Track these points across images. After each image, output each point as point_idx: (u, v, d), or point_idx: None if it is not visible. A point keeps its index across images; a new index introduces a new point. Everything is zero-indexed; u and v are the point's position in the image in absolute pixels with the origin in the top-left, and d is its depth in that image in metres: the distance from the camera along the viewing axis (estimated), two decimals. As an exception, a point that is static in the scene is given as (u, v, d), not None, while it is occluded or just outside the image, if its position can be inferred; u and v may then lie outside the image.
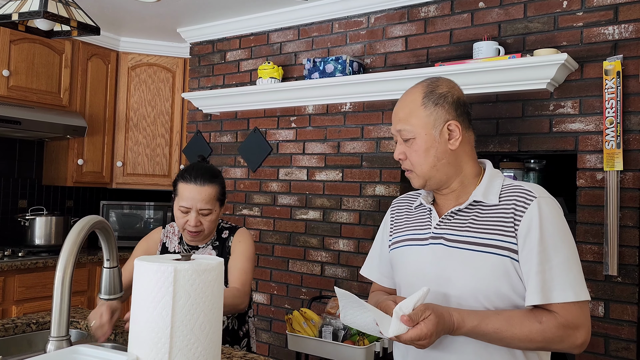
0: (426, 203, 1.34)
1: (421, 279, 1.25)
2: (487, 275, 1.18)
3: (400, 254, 1.36)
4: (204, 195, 1.82)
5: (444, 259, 1.24)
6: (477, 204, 1.25)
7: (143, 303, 0.96)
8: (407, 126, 1.27)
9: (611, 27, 2.24)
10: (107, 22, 3.54)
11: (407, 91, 1.33)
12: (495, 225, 1.20)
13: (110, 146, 3.88)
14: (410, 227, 1.36)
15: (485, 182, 1.27)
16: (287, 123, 3.18)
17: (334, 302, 2.70)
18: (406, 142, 1.27)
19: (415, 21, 2.77)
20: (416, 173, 1.28)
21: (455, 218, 1.27)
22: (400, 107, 1.31)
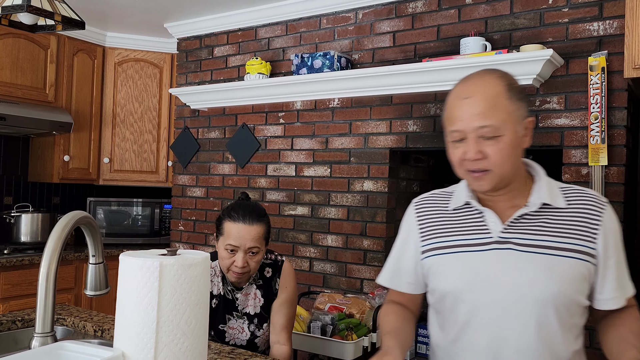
0: (478, 205, 1.24)
1: (488, 287, 1.18)
2: (570, 279, 1.16)
3: (447, 262, 1.25)
4: (254, 234, 1.79)
5: (517, 265, 1.17)
6: (544, 206, 1.21)
7: (129, 298, 0.96)
8: (494, 121, 1.13)
9: (596, 23, 2.26)
10: (93, 16, 3.51)
11: (477, 82, 1.19)
12: (571, 229, 1.18)
13: (97, 142, 3.84)
14: (455, 231, 1.26)
15: (545, 184, 1.22)
16: (275, 119, 3.18)
17: (323, 297, 2.71)
18: (489, 139, 1.14)
19: (402, 17, 2.78)
20: (495, 173, 1.16)
21: (521, 222, 1.20)
22: (476, 101, 1.15)
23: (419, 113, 2.68)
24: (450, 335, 1.27)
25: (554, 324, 1.16)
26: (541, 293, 1.15)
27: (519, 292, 1.16)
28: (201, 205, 3.50)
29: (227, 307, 1.91)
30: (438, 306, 1.31)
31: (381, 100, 2.78)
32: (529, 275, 1.15)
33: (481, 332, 1.20)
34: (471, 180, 1.20)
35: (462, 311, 1.23)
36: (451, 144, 1.20)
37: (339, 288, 2.88)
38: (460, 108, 1.16)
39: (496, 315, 1.18)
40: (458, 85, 1.23)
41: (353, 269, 2.85)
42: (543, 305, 1.15)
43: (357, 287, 2.84)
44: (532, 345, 1.15)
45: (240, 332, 1.89)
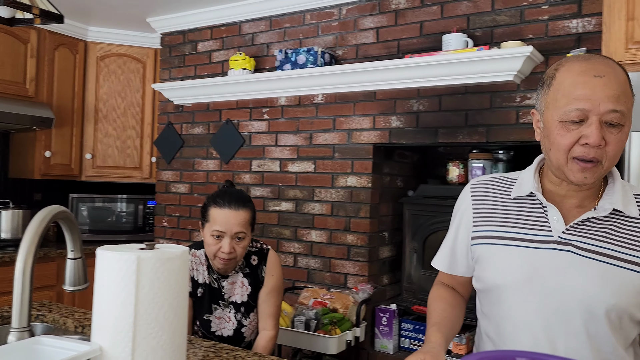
0: (543, 199, 1.16)
1: (539, 286, 1.13)
2: (627, 292, 1.08)
3: (499, 253, 1.19)
4: (239, 219, 1.82)
5: (574, 269, 1.10)
6: (614, 213, 1.12)
7: (106, 292, 0.95)
8: (624, 108, 1.04)
9: (575, 21, 2.30)
10: (74, 10, 3.47)
11: (605, 62, 1.08)
12: (636, 241, 1.10)
13: (79, 138, 3.80)
14: (513, 222, 1.19)
15: (620, 188, 1.14)
16: (259, 114, 3.17)
17: (307, 292, 2.72)
18: (612, 126, 1.04)
19: (386, 13, 2.79)
20: (604, 166, 1.07)
21: (586, 224, 1.13)
22: (611, 82, 1.04)
23: (403, 109, 2.69)
24: (498, 329, 1.22)
25: (604, 334, 1.10)
26: (595, 302, 1.08)
27: (571, 297, 1.10)
28: (185, 201, 3.49)
29: (213, 296, 1.91)
30: (484, 296, 1.26)
31: (365, 96, 2.79)
32: (585, 282, 1.09)
33: (527, 332, 1.14)
34: (575, 170, 1.08)
35: (508, 307, 1.17)
36: (561, 124, 1.08)
37: (323, 283, 2.90)
38: (591, 85, 1.04)
39: (544, 318, 1.13)
40: (578, 61, 1.10)
41: (337, 264, 2.86)
42: (594, 314, 1.09)
43: (341, 282, 2.85)
44: (581, 353, 1.10)
45: (227, 322, 1.89)
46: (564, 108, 1.07)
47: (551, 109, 1.11)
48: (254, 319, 1.94)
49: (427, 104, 2.62)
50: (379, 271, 2.90)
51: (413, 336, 2.71)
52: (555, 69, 1.13)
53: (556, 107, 1.09)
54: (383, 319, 2.72)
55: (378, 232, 2.87)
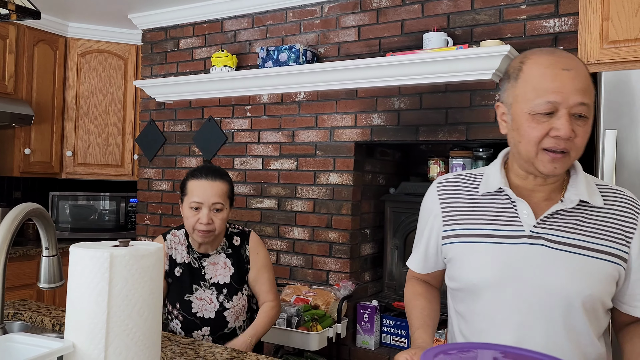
0: (512, 194, 1.17)
1: (515, 281, 1.13)
2: (601, 281, 1.11)
3: (472, 251, 1.19)
4: (217, 190, 1.84)
5: (548, 262, 1.12)
6: (581, 204, 1.15)
7: (79, 289, 0.95)
8: (590, 101, 1.07)
9: (552, 20, 2.33)
10: (53, 6, 3.43)
11: (571, 57, 1.10)
12: (604, 231, 1.13)
13: (60, 135, 3.77)
14: (483, 219, 1.20)
15: (583, 180, 1.16)
16: (242, 112, 3.17)
17: (289, 289, 2.72)
18: (580, 118, 1.07)
19: (367, 11, 2.80)
20: (572, 157, 1.09)
21: (556, 217, 1.14)
22: (578, 76, 1.07)
23: (384, 107, 2.71)
24: (475, 327, 1.22)
25: (581, 326, 1.12)
26: (571, 294, 1.10)
27: (547, 291, 1.11)
28: (167, 199, 3.47)
29: (194, 276, 1.90)
30: (459, 294, 1.26)
31: (346, 93, 2.81)
32: (560, 275, 1.10)
33: (506, 328, 1.15)
34: (545, 160, 1.09)
35: (486, 304, 1.18)
36: (531, 117, 1.09)
37: (305, 280, 2.91)
38: (560, 79, 1.06)
39: (521, 312, 1.13)
40: (544, 54, 1.12)
41: (319, 261, 2.88)
42: (572, 306, 1.10)
43: (323, 279, 2.86)
44: (560, 346, 1.11)
45: (209, 303, 1.88)
46: (535, 101, 1.08)
47: (520, 101, 1.11)
48: (237, 304, 1.90)
49: (408, 102, 2.64)
50: (361, 268, 2.92)
51: (394, 332, 2.74)
52: (521, 61, 1.14)
53: (526, 99, 1.10)
54: (364, 315, 2.74)
55: (360, 230, 2.89)
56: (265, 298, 1.94)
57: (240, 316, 1.93)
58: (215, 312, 1.88)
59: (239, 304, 1.92)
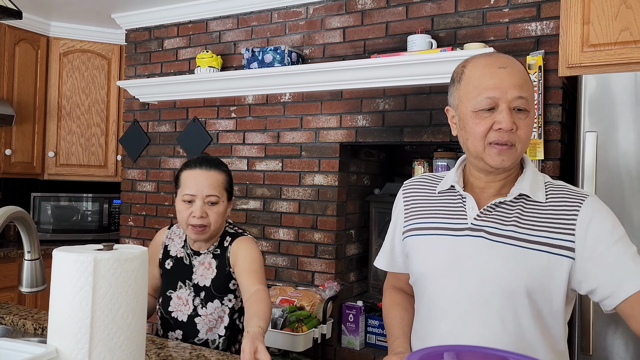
0: (461, 190, 1.23)
1: (456, 272, 1.18)
2: (538, 272, 1.12)
3: (423, 243, 1.25)
4: (211, 180, 1.69)
5: (486, 254, 1.15)
6: (521, 197, 1.18)
7: (62, 294, 0.95)
8: (528, 94, 1.14)
9: (534, 24, 2.36)
10: (35, 5, 3.39)
11: (506, 56, 1.19)
12: (545, 223, 1.15)
13: (42, 135, 3.72)
14: (436, 214, 1.26)
15: (530, 176, 1.20)
16: (227, 113, 3.16)
17: (274, 290, 2.72)
18: (520, 112, 1.13)
19: (352, 13, 2.81)
20: (518, 149, 1.15)
21: (497, 210, 1.18)
22: (514, 72, 1.14)
23: (369, 108, 2.72)
24: (420, 318, 1.27)
25: (520, 318, 1.13)
26: (506, 285, 1.12)
27: (484, 282, 1.14)
28: (151, 200, 3.45)
29: (181, 273, 1.78)
30: (414, 289, 1.31)
31: (331, 95, 2.82)
32: (496, 266, 1.14)
33: (445, 319, 1.18)
34: (493, 154, 1.15)
35: (428, 294, 1.23)
36: (475, 114, 1.15)
37: (291, 281, 2.91)
38: (496, 76, 1.13)
39: (460, 302, 1.16)
40: (483, 57, 1.19)
41: (304, 262, 2.88)
42: (508, 298, 1.12)
43: (308, 279, 2.87)
44: (496, 337, 1.13)
45: (184, 305, 1.75)
46: (476, 98, 1.15)
47: (464, 101, 1.18)
48: (211, 313, 1.71)
49: (392, 103, 2.66)
50: (346, 268, 2.93)
51: (379, 332, 2.75)
52: (463, 65, 1.22)
53: (468, 98, 1.17)
54: (350, 315, 2.75)
55: (345, 230, 2.90)
56: (250, 288, 1.63)
57: (215, 328, 1.73)
58: (187, 316, 1.73)
59: (213, 313, 1.72)
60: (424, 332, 1.25)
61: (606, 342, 1.91)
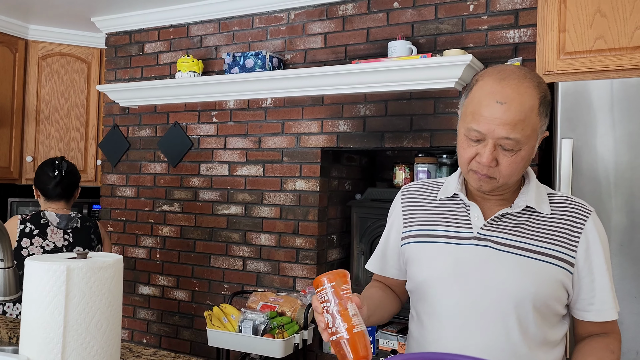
0: (466, 199, 1.23)
1: (461, 280, 1.18)
2: (544, 283, 1.14)
3: (425, 250, 1.25)
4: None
5: (493, 263, 1.16)
6: (528, 209, 1.19)
7: (34, 303, 0.93)
8: (519, 136, 1.09)
9: (512, 31, 2.40)
10: (12, 7, 3.34)
11: (515, 87, 1.10)
12: (550, 236, 1.17)
13: (19, 140, 3.66)
14: (438, 221, 1.26)
15: (534, 189, 1.21)
16: (208, 118, 3.15)
17: (255, 296, 2.71)
18: (506, 150, 1.11)
19: (334, 19, 2.82)
20: (498, 182, 1.15)
21: (503, 221, 1.19)
22: (510, 110, 1.09)
23: (350, 113, 2.73)
24: (420, 326, 1.27)
25: (524, 327, 1.14)
26: (512, 294, 1.13)
27: (489, 291, 1.15)
28: (132, 205, 3.41)
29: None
30: (414, 296, 1.31)
31: (313, 100, 2.82)
32: (502, 275, 1.14)
33: (448, 327, 1.18)
34: (473, 179, 1.17)
35: (433, 302, 1.22)
36: (465, 138, 1.16)
37: (272, 286, 2.90)
38: (491, 110, 1.09)
39: (464, 311, 1.17)
40: (492, 81, 1.13)
41: (286, 267, 2.87)
42: (513, 307, 1.14)
43: (289, 285, 2.86)
44: (497, 346, 1.14)
45: None
46: (468, 125, 1.14)
47: (462, 120, 1.18)
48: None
49: (373, 108, 2.67)
50: (328, 274, 2.93)
51: (361, 337, 2.75)
52: (476, 79, 1.18)
53: (465, 121, 1.16)
54: (331, 321, 2.74)
55: (326, 235, 2.90)
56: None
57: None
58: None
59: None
60: (424, 340, 1.25)
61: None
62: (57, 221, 2.42)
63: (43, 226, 2.39)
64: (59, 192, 2.45)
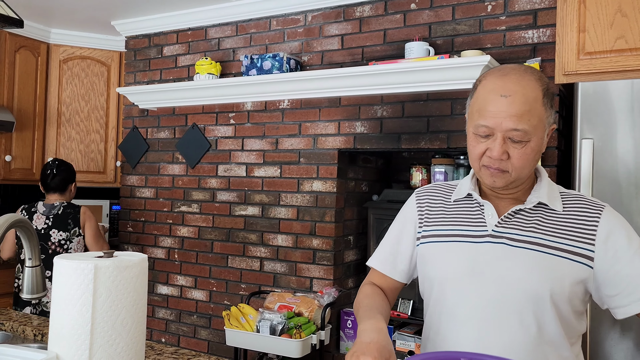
0: (479, 197, 1.25)
1: (477, 278, 1.19)
2: (561, 278, 1.14)
3: (442, 249, 1.26)
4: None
5: (508, 260, 1.17)
6: (540, 206, 1.21)
7: (63, 301, 0.96)
8: (526, 126, 1.11)
9: (531, 31, 2.38)
10: (36, 12, 3.41)
11: (517, 80, 1.13)
12: (565, 231, 1.17)
13: (41, 142, 3.73)
14: (454, 222, 1.27)
15: (546, 186, 1.22)
16: (225, 119, 3.18)
17: (272, 297, 2.73)
18: (516, 142, 1.13)
19: (350, 20, 2.84)
20: (511, 175, 1.16)
21: (516, 217, 1.21)
22: (514, 102, 1.11)
23: (367, 115, 2.74)
24: (434, 325, 1.27)
25: (542, 323, 1.14)
26: (529, 290, 1.14)
27: (506, 288, 1.15)
28: (150, 206, 3.46)
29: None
30: (427, 296, 1.31)
31: (330, 101, 2.83)
32: (518, 272, 1.15)
33: (466, 326, 1.19)
34: (486, 175, 1.18)
35: (448, 301, 1.22)
36: (474, 135, 1.18)
37: (289, 287, 2.92)
38: (496, 104, 1.12)
39: (481, 309, 1.17)
40: (494, 78, 1.16)
41: (303, 268, 2.89)
42: (530, 303, 1.14)
43: (306, 286, 2.87)
44: (517, 343, 1.14)
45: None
46: (475, 122, 1.17)
47: (469, 119, 1.21)
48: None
49: (390, 110, 2.68)
50: (344, 275, 2.94)
51: (377, 338, 2.76)
52: (479, 80, 1.22)
53: (472, 119, 1.19)
54: (348, 322, 2.75)
55: (343, 236, 2.91)
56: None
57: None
58: None
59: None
60: (440, 339, 1.24)
61: (604, 352, 1.92)
62: (43, 209, 2.95)
63: (32, 213, 2.94)
64: (52, 186, 2.98)
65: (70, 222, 2.94)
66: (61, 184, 3.00)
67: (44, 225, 2.90)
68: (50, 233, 2.89)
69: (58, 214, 2.93)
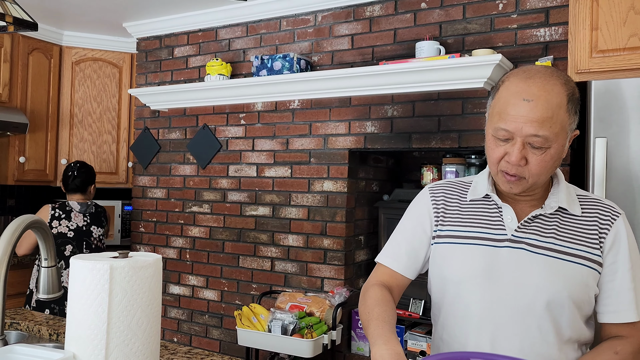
0: (499, 200, 1.22)
1: (495, 282, 1.17)
2: (577, 285, 1.14)
3: (459, 251, 1.23)
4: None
5: (527, 266, 1.16)
6: (560, 210, 1.20)
7: (79, 301, 0.97)
8: (548, 133, 1.08)
9: (542, 30, 2.37)
10: (48, 15, 3.44)
11: (541, 84, 1.10)
12: (579, 236, 1.17)
13: (54, 143, 3.77)
14: (472, 223, 1.25)
15: (564, 189, 1.21)
16: (236, 120, 3.19)
17: (284, 296, 2.74)
18: (536, 148, 1.10)
19: (360, 20, 2.83)
20: (528, 181, 1.14)
21: (535, 222, 1.20)
22: (537, 107, 1.08)
23: (377, 114, 2.74)
24: (448, 327, 1.26)
25: (559, 329, 1.14)
26: (547, 296, 1.13)
27: (524, 293, 1.14)
28: (162, 206, 3.48)
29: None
30: (440, 297, 1.29)
31: (340, 101, 2.83)
32: (536, 278, 1.14)
33: (481, 329, 1.18)
34: (502, 180, 1.16)
35: (463, 304, 1.21)
36: (493, 138, 1.15)
37: (300, 287, 2.92)
38: (518, 108, 1.09)
39: (498, 313, 1.16)
40: (517, 80, 1.13)
41: (314, 268, 2.89)
42: (547, 309, 1.13)
43: (317, 285, 2.88)
44: (533, 348, 1.14)
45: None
46: (495, 125, 1.14)
47: (489, 121, 1.19)
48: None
49: (400, 109, 2.67)
50: (355, 274, 2.94)
51: (389, 338, 2.75)
52: (502, 80, 1.19)
53: (492, 121, 1.16)
54: (359, 321, 2.75)
55: (354, 236, 2.91)
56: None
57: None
58: None
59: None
60: (455, 342, 1.23)
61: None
62: (79, 208, 3.08)
63: (68, 212, 3.04)
64: (73, 187, 3.11)
65: (103, 220, 3.16)
66: (82, 185, 3.13)
67: (84, 222, 3.07)
68: (91, 229, 3.07)
69: (92, 212, 3.12)
